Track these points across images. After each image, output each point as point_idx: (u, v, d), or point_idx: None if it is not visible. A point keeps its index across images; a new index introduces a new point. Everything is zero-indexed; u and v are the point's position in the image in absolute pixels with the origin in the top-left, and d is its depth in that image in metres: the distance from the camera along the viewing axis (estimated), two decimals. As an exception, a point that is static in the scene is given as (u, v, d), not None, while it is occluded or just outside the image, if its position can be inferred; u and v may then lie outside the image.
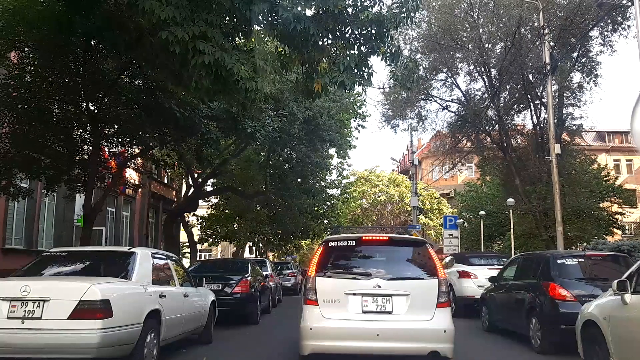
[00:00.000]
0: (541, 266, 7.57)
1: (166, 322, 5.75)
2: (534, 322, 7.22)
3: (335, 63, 6.40)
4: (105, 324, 4.58)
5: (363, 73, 6.81)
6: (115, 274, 5.39)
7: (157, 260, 6.25)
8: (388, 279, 5.24)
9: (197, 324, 7.23)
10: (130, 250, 5.86)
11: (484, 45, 19.62)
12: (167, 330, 5.80)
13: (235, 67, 5.80)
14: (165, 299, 5.80)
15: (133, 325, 4.98)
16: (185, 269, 7.38)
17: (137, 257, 5.68)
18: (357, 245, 5.58)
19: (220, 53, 5.78)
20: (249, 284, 10.16)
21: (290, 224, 26.39)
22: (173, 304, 6.12)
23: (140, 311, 5.18)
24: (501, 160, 22.60)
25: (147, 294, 5.40)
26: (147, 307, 5.31)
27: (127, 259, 5.67)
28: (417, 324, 5.09)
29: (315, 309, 5.20)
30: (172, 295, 6.13)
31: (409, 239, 5.89)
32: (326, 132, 17.22)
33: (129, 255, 5.74)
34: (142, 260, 5.72)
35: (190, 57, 5.84)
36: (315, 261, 5.47)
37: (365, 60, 6.56)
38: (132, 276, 5.39)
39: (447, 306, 5.26)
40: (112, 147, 12.61)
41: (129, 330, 4.90)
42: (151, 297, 5.48)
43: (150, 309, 5.37)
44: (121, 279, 5.30)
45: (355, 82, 6.63)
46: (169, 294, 6.03)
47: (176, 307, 6.23)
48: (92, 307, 4.55)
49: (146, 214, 24.02)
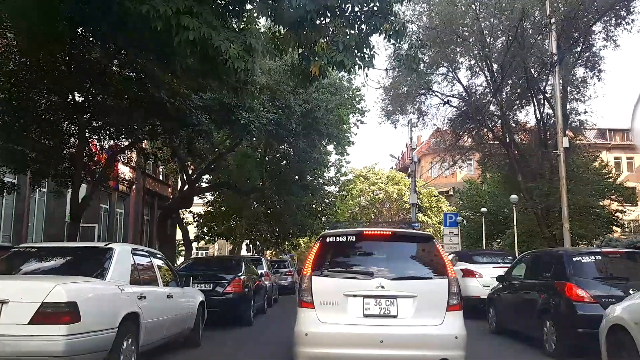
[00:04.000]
0: (554, 264, 7.03)
1: (146, 326, 5.20)
2: (548, 325, 6.69)
3: (334, 42, 5.84)
4: (72, 329, 4.03)
5: (364, 55, 6.27)
6: (88, 273, 4.84)
7: (139, 257, 5.70)
8: (392, 279, 4.69)
9: (183, 327, 6.69)
10: (108, 247, 5.31)
11: (485, 39, 19.19)
12: (147, 334, 5.25)
13: (224, 45, 5.25)
14: (146, 300, 5.25)
15: (105, 331, 4.44)
16: (171, 268, 6.83)
17: (114, 254, 5.13)
18: (358, 240, 5.01)
19: (207, 29, 5.22)
20: (242, 283, 9.62)
21: (288, 221, 25.91)
22: (154, 305, 5.57)
23: (115, 314, 4.63)
24: (503, 156, 22.28)
25: (124, 295, 4.85)
26: (123, 310, 4.76)
27: (103, 256, 5.12)
28: (426, 329, 4.54)
29: (311, 312, 4.65)
30: (153, 296, 5.58)
31: (415, 234, 5.32)
32: (324, 126, 16.66)
33: (106, 251, 5.19)
34: (120, 258, 5.17)
35: (174, 34, 5.29)
36: (311, 259, 4.92)
37: (367, 39, 6.01)
38: (107, 275, 4.84)
39: (458, 309, 4.72)
40: (100, 140, 12.12)
41: (100, 337, 4.35)
42: (128, 299, 4.93)
43: (127, 312, 4.82)
44: (94, 278, 4.74)
45: (356, 63, 6.08)
46: (150, 294, 5.48)
47: (158, 309, 5.69)
48: (56, 311, 4.00)
49: (141, 211, 23.52)
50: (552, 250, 8.94)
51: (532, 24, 18.43)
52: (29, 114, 9.89)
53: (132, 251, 5.55)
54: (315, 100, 15.56)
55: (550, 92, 20.83)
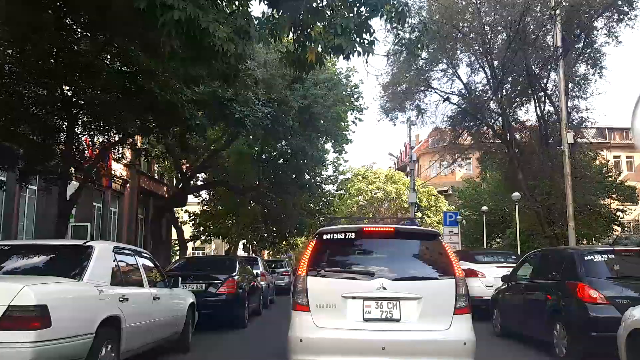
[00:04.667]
0: (565, 264, 6.66)
1: (128, 330, 4.79)
2: (558, 328, 6.30)
3: (332, 24, 5.45)
4: (42, 335, 3.63)
5: (364, 41, 5.88)
6: (63, 273, 4.43)
7: (121, 256, 5.29)
8: (395, 279, 4.30)
9: (171, 330, 6.28)
10: (87, 244, 4.90)
11: (486, 35, 18.89)
12: (129, 340, 4.85)
13: (212, 26, 4.85)
14: (128, 302, 4.85)
15: (81, 337, 4.03)
16: (159, 268, 6.42)
17: (93, 253, 4.72)
18: (357, 237, 4.62)
19: (193, 9, 4.81)
20: (235, 283, 9.22)
21: (285, 220, 25.53)
22: (138, 308, 5.17)
23: (92, 318, 4.22)
24: (503, 154, 21.98)
25: (103, 297, 4.45)
26: (101, 313, 4.36)
27: (81, 254, 4.71)
28: (431, 334, 4.16)
29: (306, 315, 4.26)
30: (137, 298, 5.18)
31: (419, 231, 4.93)
32: (322, 122, 16.28)
33: (85, 250, 4.78)
34: (100, 257, 4.76)
35: (158, 15, 4.89)
36: (306, 257, 4.53)
37: (366, 23, 5.62)
38: (84, 275, 4.42)
39: (466, 312, 4.33)
40: (90, 136, 11.73)
41: (74, 343, 3.95)
42: (108, 301, 4.53)
43: (106, 316, 4.42)
44: (69, 279, 4.33)
45: (355, 49, 5.69)
46: (134, 296, 5.07)
47: (142, 311, 5.28)
48: (24, 315, 3.60)
49: (135, 210, 23.10)
50: (562, 249, 8.56)
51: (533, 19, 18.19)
52: (16, 109, 9.50)
53: (114, 249, 5.14)
54: (312, 95, 15.19)
55: (551, 89, 20.61)
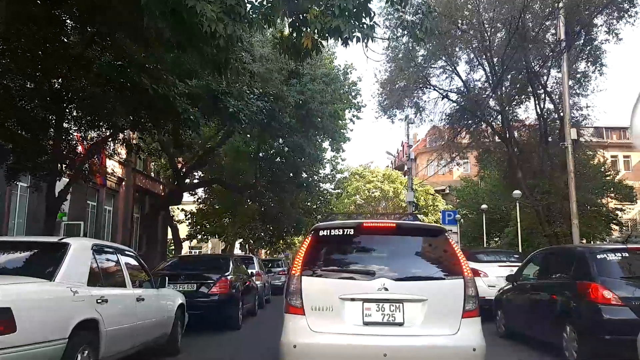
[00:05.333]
0: (575, 263, 6.30)
1: (108, 334, 4.42)
2: (568, 331, 5.95)
3: (329, 7, 5.08)
4: (5, 341, 3.26)
5: (363, 25, 5.51)
6: (34, 272, 4.06)
7: (102, 254, 4.92)
8: (397, 279, 3.94)
9: (158, 333, 5.91)
10: (62, 242, 4.52)
11: (486, 31, 18.64)
12: (109, 344, 4.48)
13: (199, 5, 4.48)
14: (108, 304, 4.47)
15: (51, 342, 3.66)
16: (145, 267, 6.05)
17: (69, 251, 4.34)
18: (356, 234, 4.25)
19: (179, -13, 4.45)
20: (229, 283, 8.85)
21: (282, 219, 25.16)
22: (120, 310, 4.80)
23: (65, 322, 3.85)
24: (502, 153, 21.80)
25: (78, 299, 4.07)
26: (76, 316, 3.99)
27: (55, 252, 4.33)
28: (438, 339, 3.80)
29: (301, 319, 3.90)
30: (118, 299, 4.81)
31: (423, 227, 4.56)
32: (319, 118, 15.91)
33: (60, 247, 4.40)
34: (76, 255, 4.39)
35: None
36: (301, 255, 4.16)
37: (366, 5, 5.25)
38: (56, 275, 4.05)
39: (476, 315, 3.97)
40: (80, 131, 11.37)
41: (44, 349, 3.58)
42: (84, 303, 4.15)
43: (82, 319, 4.05)
44: (39, 279, 3.96)
45: (354, 33, 5.32)
46: (114, 297, 4.70)
47: (125, 313, 4.91)
48: (-16, 319, 3.23)
49: (131, 209, 22.72)
50: (571, 247, 8.22)
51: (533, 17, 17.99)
52: (4, 102, 9.14)
53: (94, 247, 4.76)
54: (309, 91, 14.82)
55: (551, 86, 20.41)
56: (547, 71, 19.78)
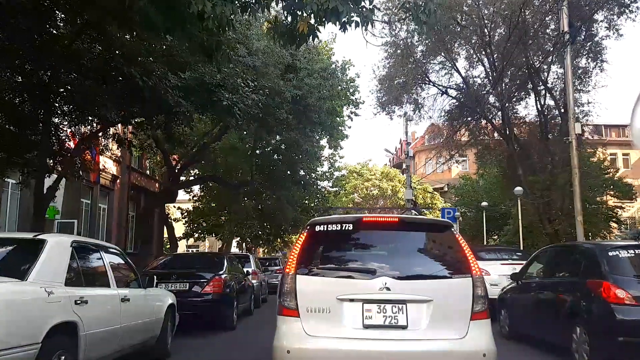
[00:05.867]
0: (585, 260, 6.00)
1: (88, 338, 4.10)
2: (578, 332, 5.65)
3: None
4: (-34, 348, 2.94)
5: (363, 9, 5.20)
6: (5, 271, 3.72)
7: (83, 252, 4.59)
8: (400, 278, 3.62)
9: (146, 335, 5.59)
10: (38, 238, 4.19)
11: (486, 26, 18.42)
12: (90, 349, 4.16)
13: (186, -17, 4.15)
14: (88, 305, 4.15)
15: (22, 348, 3.33)
16: (131, 265, 5.72)
17: (45, 248, 4.02)
18: (356, 229, 3.92)
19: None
20: (222, 282, 8.53)
21: (279, 217, 24.84)
22: (102, 311, 4.48)
23: (38, 326, 3.52)
24: (502, 150, 21.62)
25: (53, 300, 3.74)
26: (50, 320, 3.66)
27: (30, 249, 4.00)
28: (444, 344, 3.48)
29: (295, 322, 3.58)
30: (100, 300, 4.49)
31: (429, 221, 4.23)
32: (316, 113, 15.57)
33: (35, 244, 4.07)
34: (52, 252, 4.06)
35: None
36: (296, 252, 3.84)
37: (365, -15, 4.93)
38: (29, 274, 3.72)
39: (485, 317, 3.66)
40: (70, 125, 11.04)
41: (13, 355, 3.25)
42: (60, 305, 3.82)
43: (58, 322, 3.72)
44: (10, 279, 3.62)
45: (353, 18, 5.00)
46: (96, 298, 4.37)
47: (107, 315, 4.59)
48: (-55, 323, 2.91)
49: (126, 207, 22.36)
50: (580, 244, 7.91)
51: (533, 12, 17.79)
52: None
53: (73, 244, 4.43)
54: (306, 85, 14.49)
55: (552, 82, 20.21)
56: (547, 67, 19.61)
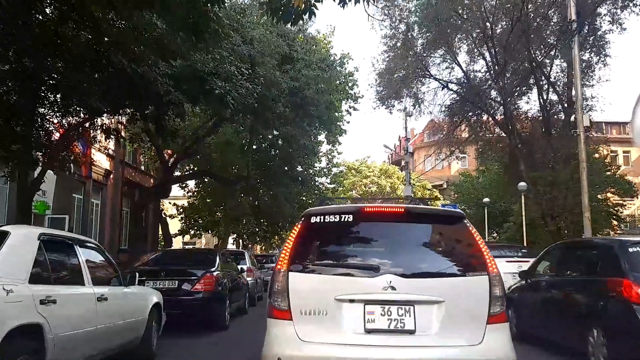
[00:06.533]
0: (603, 257, 5.57)
1: (57, 341, 3.66)
2: (595, 334, 5.22)
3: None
4: None
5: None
6: (-42, 267, 3.29)
7: (52, 246, 4.13)
8: (407, 276, 3.17)
9: (126, 337, 5.14)
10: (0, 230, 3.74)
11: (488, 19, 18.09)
12: (59, 353, 3.71)
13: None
14: (56, 305, 3.70)
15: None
16: (111, 262, 5.27)
17: (6, 241, 3.57)
18: (356, 221, 3.46)
19: None
20: (214, 280, 8.09)
21: (276, 214, 24.42)
22: (73, 312, 4.03)
23: (-7, 329, 3.09)
24: (504, 145, 21.36)
25: (13, 299, 3.29)
26: (10, 321, 3.21)
27: (-11, 243, 3.56)
28: (457, 351, 3.05)
29: (287, 325, 3.13)
30: (71, 299, 4.04)
31: (439, 212, 3.76)
32: (314, 106, 15.12)
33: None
34: (15, 246, 3.61)
35: None
36: (289, 247, 3.37)
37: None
38: (-15, 270, 3.28)
39: (503, 320, 3.23)
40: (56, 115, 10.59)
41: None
42: (21, 304, 3.38)
43: (19, 324, 3.28)
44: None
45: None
46: (66, 297, 3.93)
47: (80, 316, 4.15)
48: None
49: (119, 203, 21.90)
50: (597, 239, 7.49)
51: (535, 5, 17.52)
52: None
53: (42, 237, 3.97)
54: (304, 77, 14.04)
55: (554, 76, 19.92)
56: (550, 61, 19.31)
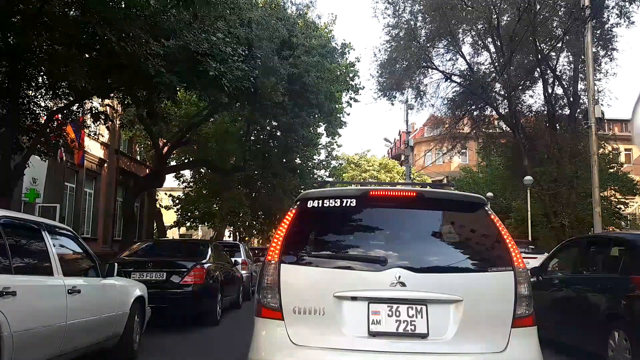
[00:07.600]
0: (625, 254, 5.13)
1: (16, 339, 3.19)
2: (616, 337, 4.78)
3: None
4: None
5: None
6: None
7: (13, 231, 3.65)
8: (418, 270, 2.70)
9: (103, 334, 4.67)
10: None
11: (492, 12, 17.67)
12: (20, 352, 3.25)
13: None
14: (16, 298, 3.23)
15: None
16: (87, 250, 4.79)
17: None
18: (360, 206, 2.96)
19: None
20: (204, 272, 7.63)
21: (273, 206, 23.97)
22: (37, 305, 3.56)
23: None
24: (507, 140, 21.08)
25: (-42, 292, 2.83)
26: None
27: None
28: (478, 359, 2.61)
29: (278, 326, 2.65)
30: (35, 292, 3.57)
31: (456, 197, 3.18)
32: (314, 94, 14.63)
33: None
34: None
35: None
36: (281, 235, 2.87)
37: None
38: None
39: (531, 324, 2.79)
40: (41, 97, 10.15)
41: None
42: (-30, 297, 2.92)
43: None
44: None
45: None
46: (28, 289, 3.45)
47: (46, 310, 3.67)
48: None
49: (114, 193, 21.50)
50: (617, 234, 7.05)
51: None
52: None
53: (3, 221, 3.49)
54: (303, 63, 13.55)
55: (560, 70, 19.55)
56: (556, 54, 18.96)
